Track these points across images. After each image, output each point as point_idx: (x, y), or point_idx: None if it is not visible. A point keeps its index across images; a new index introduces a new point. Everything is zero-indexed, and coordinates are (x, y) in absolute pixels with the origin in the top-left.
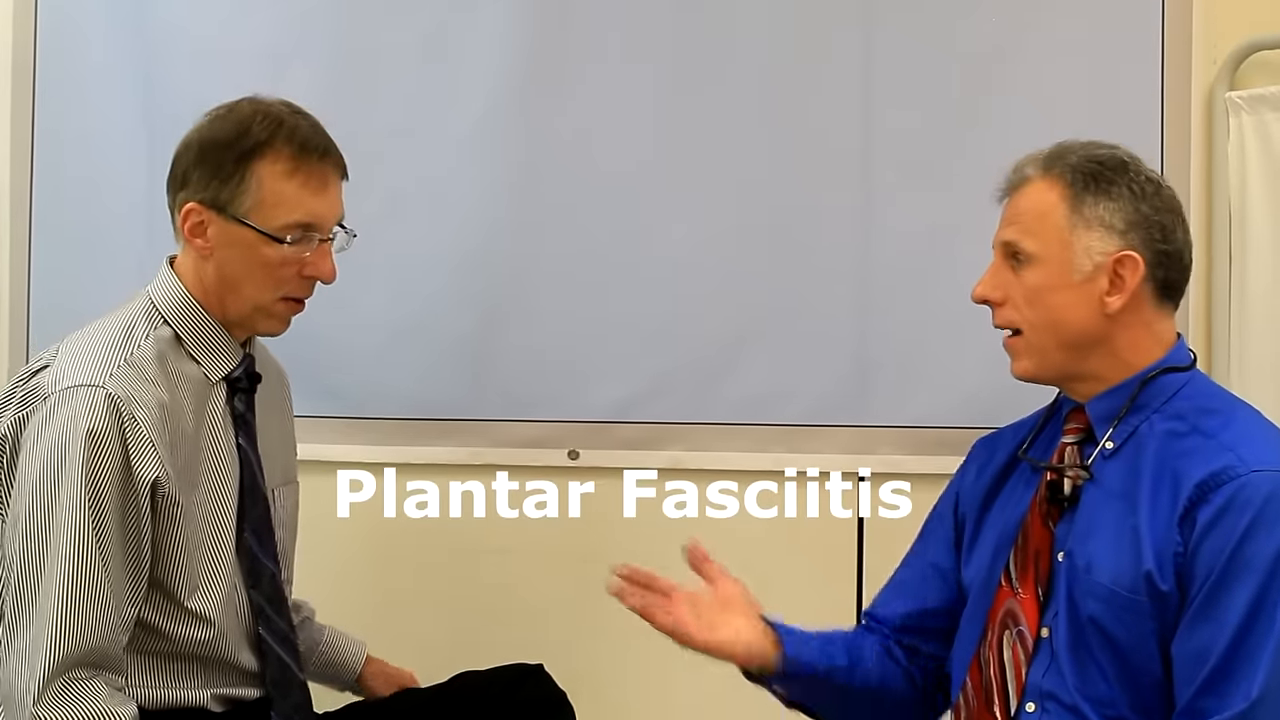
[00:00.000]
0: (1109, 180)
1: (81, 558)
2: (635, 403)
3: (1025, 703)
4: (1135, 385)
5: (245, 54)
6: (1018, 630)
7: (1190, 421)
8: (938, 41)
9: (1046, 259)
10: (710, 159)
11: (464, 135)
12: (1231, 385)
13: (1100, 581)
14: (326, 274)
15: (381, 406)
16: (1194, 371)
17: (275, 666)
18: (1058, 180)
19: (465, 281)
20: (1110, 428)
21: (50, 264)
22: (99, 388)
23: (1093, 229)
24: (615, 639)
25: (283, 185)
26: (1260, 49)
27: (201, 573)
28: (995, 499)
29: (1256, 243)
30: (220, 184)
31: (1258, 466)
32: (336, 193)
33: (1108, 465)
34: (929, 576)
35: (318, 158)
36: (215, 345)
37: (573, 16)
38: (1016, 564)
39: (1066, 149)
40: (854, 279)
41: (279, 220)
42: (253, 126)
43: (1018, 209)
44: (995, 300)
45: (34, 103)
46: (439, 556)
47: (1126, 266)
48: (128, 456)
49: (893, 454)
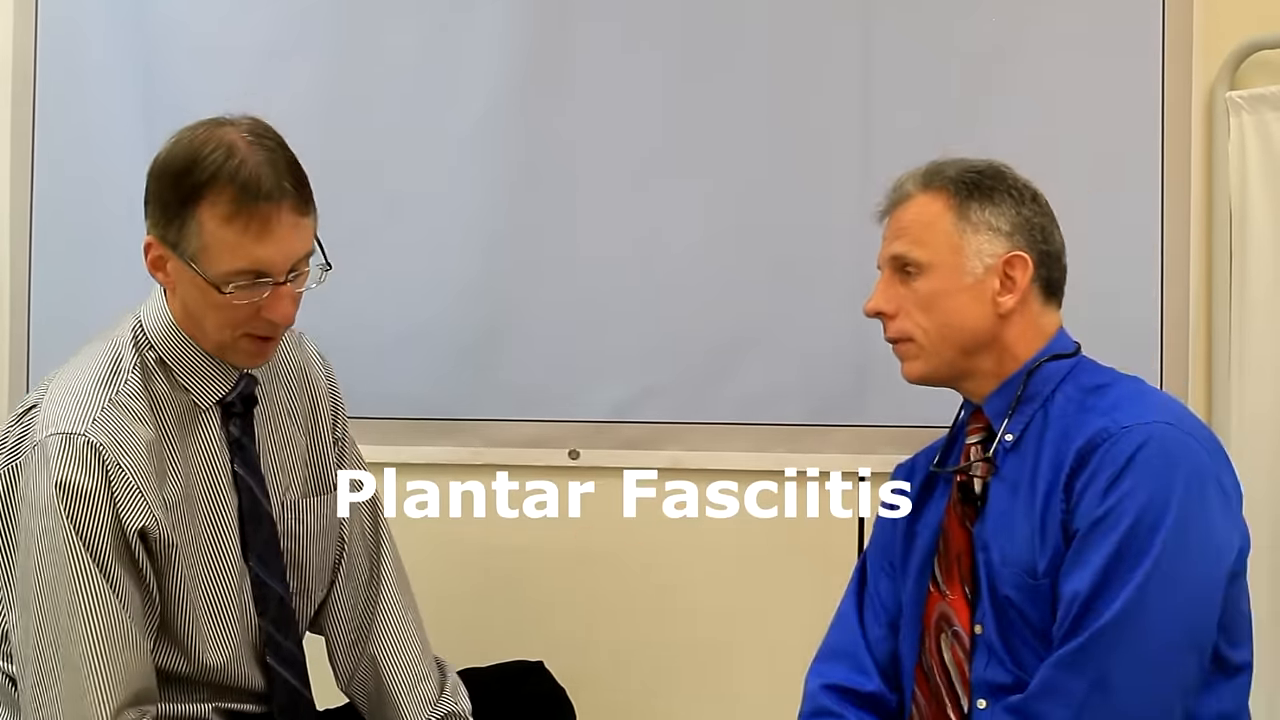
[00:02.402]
0: (989, 187)
1: (101, 604)
2: (635, 402)
3: (975, 700)
4: (1022, 375)
5: (246, 53)
6: (952, 631)
7: (1077, 401)
8: (937, 40)
9: (938, 265)
10: (710, 159)
11: (463, 136)
12: (1231, 385)
13: (1012, 570)
14: (280, 318)
15: (381, 406)
16: (1080, 357)
17: (282, 691)
18: (939, 192)
19: (465, 281)
20: (1006, 419)
21: (50, 264)
22: (81, 435)
23: (980, 232)
24: (615, 637)
25: (224, 232)
26: (1261, 48)
27: (204, 605)
28: (919, 517)
29: (1257, 242)
30: (168, 223)
31: (1128, 423)
32: (287, 233)
33: (1009, 457)
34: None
35: (260, 200)
36: (204, 370)
37: (573, 17)
38: (941, 568)
39: (942, 165)
40: (854, 278)
41: (221, 268)
42: (199, 162)
43: (902, 223)
44: (889, 313)
45: (34, 103)
46: (439, 556)
47: (1016, 266)
48: (115, 505)
49: (893, 454)
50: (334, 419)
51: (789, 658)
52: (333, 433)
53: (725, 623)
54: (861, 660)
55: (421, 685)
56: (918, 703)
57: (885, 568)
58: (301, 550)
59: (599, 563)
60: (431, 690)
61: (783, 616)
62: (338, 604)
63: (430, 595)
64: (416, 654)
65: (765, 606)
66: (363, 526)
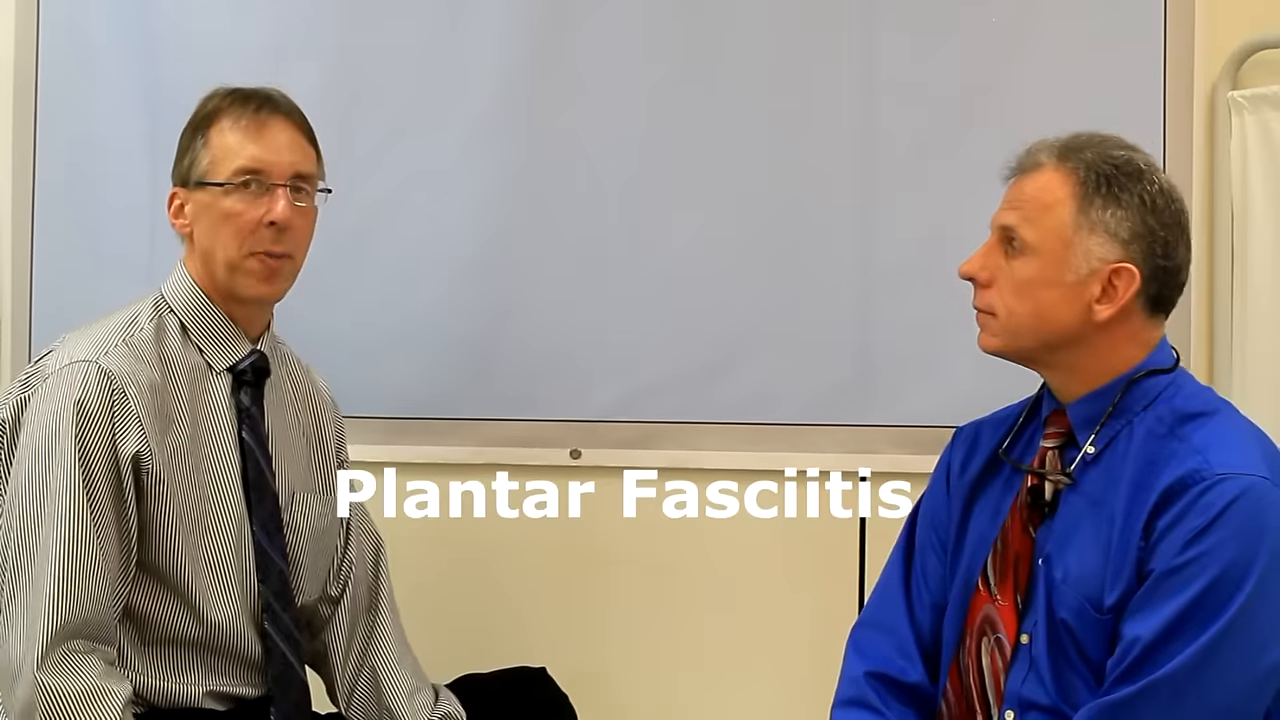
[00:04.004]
0: (1122, 186)
1: (77, 527)
2: (636, 402)
3: (1005, 710)
4: (1118, 389)
5: (248, 52)
6: (995, 638)
7: (1168, 425)
8: (938, 40)
9: (1043, 252)
10: (711, 158)
11: (464, 135)
12: (1233, 385)
13: (1074, 594)
14: (281, 217)
15: (381, 406)
16: (1179, 372)
17: (279, 663)
18: (1070, 174)
19: (465, 280)
20: (1092, 433)
21: (53, 264)
22: (93, 363)
23: (1096, 233)
24: (617, 640)
25: (227, 138)
26: (1262, 48)
27: (204, 558)
28: (977, 498)
29: (1258, 242)
30: (183, 159)
31: (1223, 470)
32: (285, 139)
33: (1088, 471)
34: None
35: (255, 106)
36: (221, 335)
37: (574, 17)
38: (995, 569)
39: (1084, 142)
40: (854, 277)
41: (225, 170)
42: (208, 101)
43: (1023, 194)
44: (982, 280)
45: (36, 102)
46: (439, 557)
47: (1122, 278)
48: (114, 427)
49: (893, 453)
50: (338, 443)
51: (792, 660)
52: (337, 454)
53: (727, 624)
54: (904, 641)
55: (419, 695)
56: (948, 699)
57: (935, 545)
58: (300, 544)
59: (600, 563)
60: (428, 697)
61: (784, 617)
62: (338, 629)
63: (430, 595)
64: (411, 671)
65: (767, 607)
66: (364, 557)
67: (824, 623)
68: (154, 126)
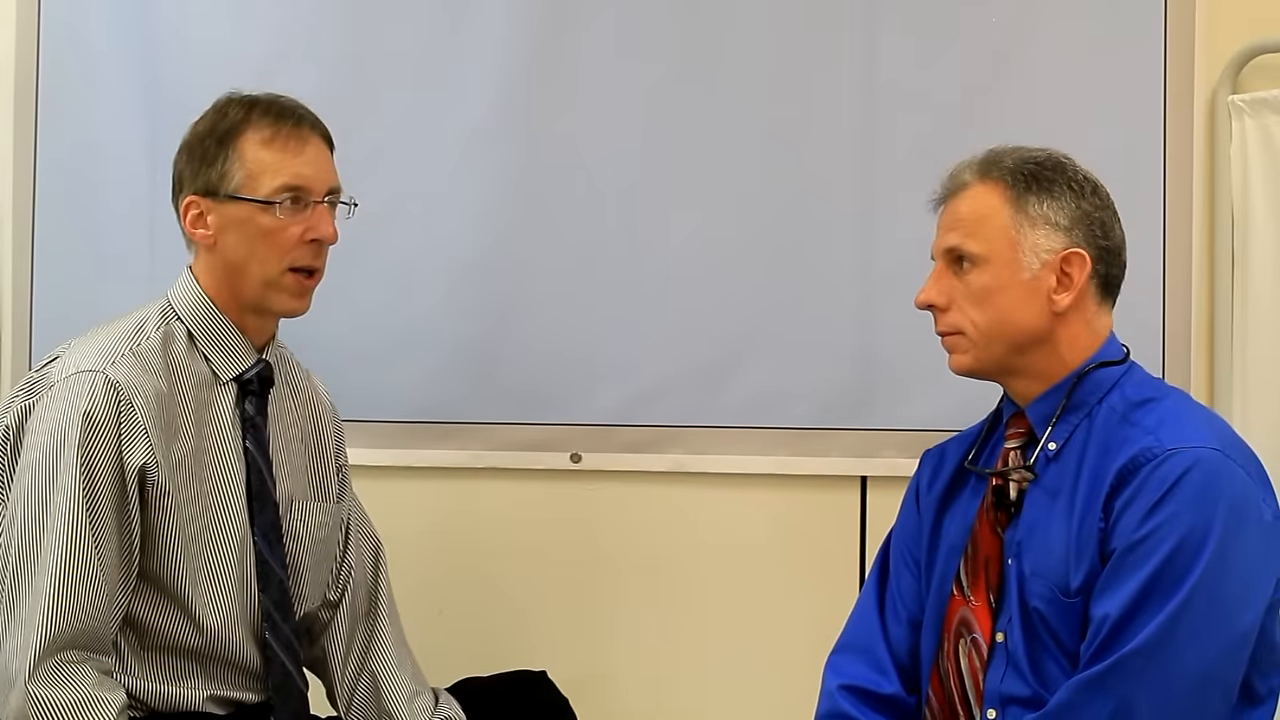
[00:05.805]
0: (1049, 179)
1: (76, 538)
2: (638, 406)
3: (986, 709)
4: (1070, 383)
5: (248, 55)
6: (972, 638)
7: (1121, 412)
8: (939, 43)
9: (993, 259)
10: (712, 161)
11: (465, 138)
12: (1234, 389)
13: (1044, 583)
14: (328, 235)
15: (382, 409)
16: (1130, 364)
17: (279, 672)
18: (998, 183)
19: (466, 284)
20: (1049, 426)
21: (53, 265)
22: (100, 373)
23: (1038, 227)
24: (618, 644)
25: (263, 154)
26: (1263, 52)
27: (205, 569)
28: (946, 511)
29: (1259, 246)
30: (208, 169)
31: (1173, 445)
32: (320, 156)
33: (1050, 466)
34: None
35: (293, 123)
36: (228, 345)
37: (574, 19)
38: (967, 572)
39: (1001, 153)
40: (857, 281)
41: (266, 187)
42: (229, 110)
43: (958, 213)
44: (940, 305)
45: (37, 104)
46: (440, 561)
47: (1074, 264)
48: (120, 439)
49: (895, 457)
50: (337, 447)
51: (794, 664)
52: (335, 459)
53: (730, 628)
54: (880, 658)
55: (419, 699)
56: (931, 706)
57: (909, 564)
58: (300, 552)
59: (601, 567)
60: (428, 701)
61: (787, 622)
62: (337, 633)
63: (430, 601)
64: (410, 674)
65: (770, 612)
66: (363, 561)
67: (826, 628)
68: (154, 131)
